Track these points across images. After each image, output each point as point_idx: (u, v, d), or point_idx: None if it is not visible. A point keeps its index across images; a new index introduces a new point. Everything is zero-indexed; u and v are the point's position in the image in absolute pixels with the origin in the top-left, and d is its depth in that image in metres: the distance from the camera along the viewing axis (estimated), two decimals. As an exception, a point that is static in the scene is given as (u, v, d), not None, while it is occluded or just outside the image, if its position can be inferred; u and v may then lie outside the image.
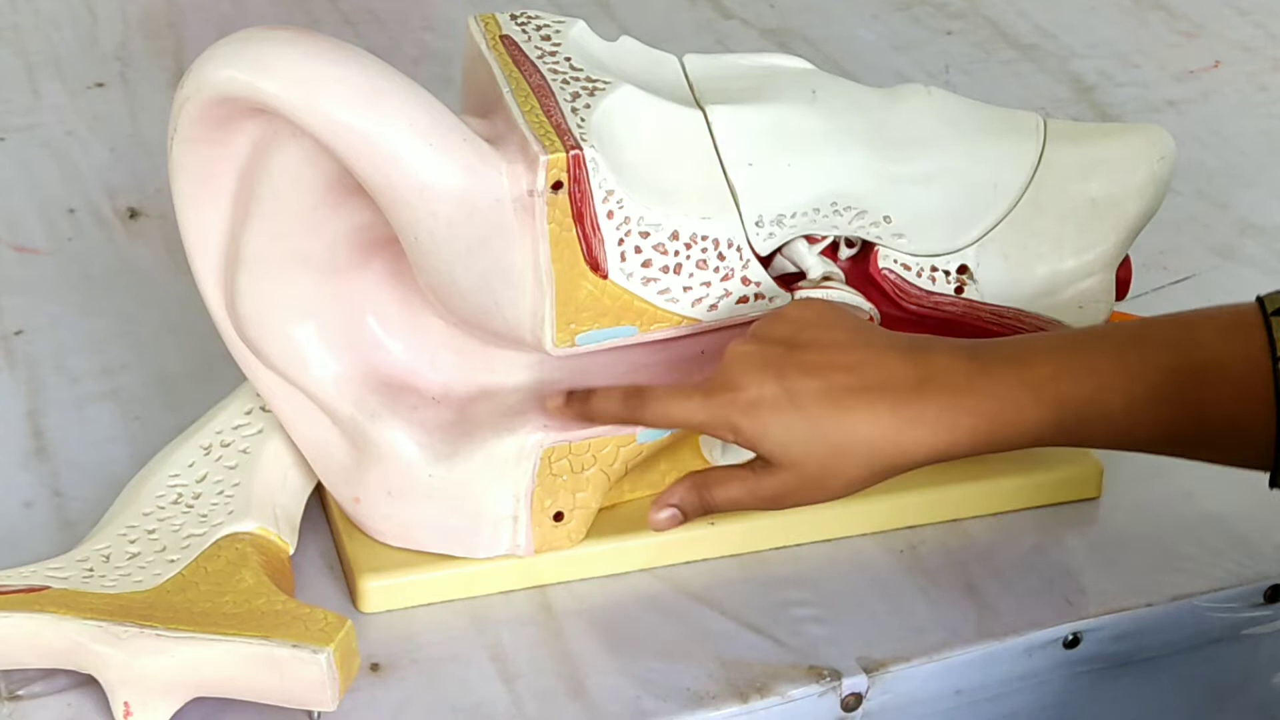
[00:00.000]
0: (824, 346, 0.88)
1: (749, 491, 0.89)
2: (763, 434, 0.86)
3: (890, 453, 0.86)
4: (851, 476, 0.87)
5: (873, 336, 0.89)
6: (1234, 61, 1.44)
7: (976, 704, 0.95)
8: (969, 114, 0.96)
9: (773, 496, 0.88)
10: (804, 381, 0.86)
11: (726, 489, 0.89)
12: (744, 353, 0.88)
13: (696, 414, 0.88)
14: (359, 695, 0.88)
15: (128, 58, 1.37)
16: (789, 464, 0.87)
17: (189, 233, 0.91)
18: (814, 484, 0.87)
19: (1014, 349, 0.88)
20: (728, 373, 0.88)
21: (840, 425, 0.86)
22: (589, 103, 0.89)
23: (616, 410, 0.90)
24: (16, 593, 0.87)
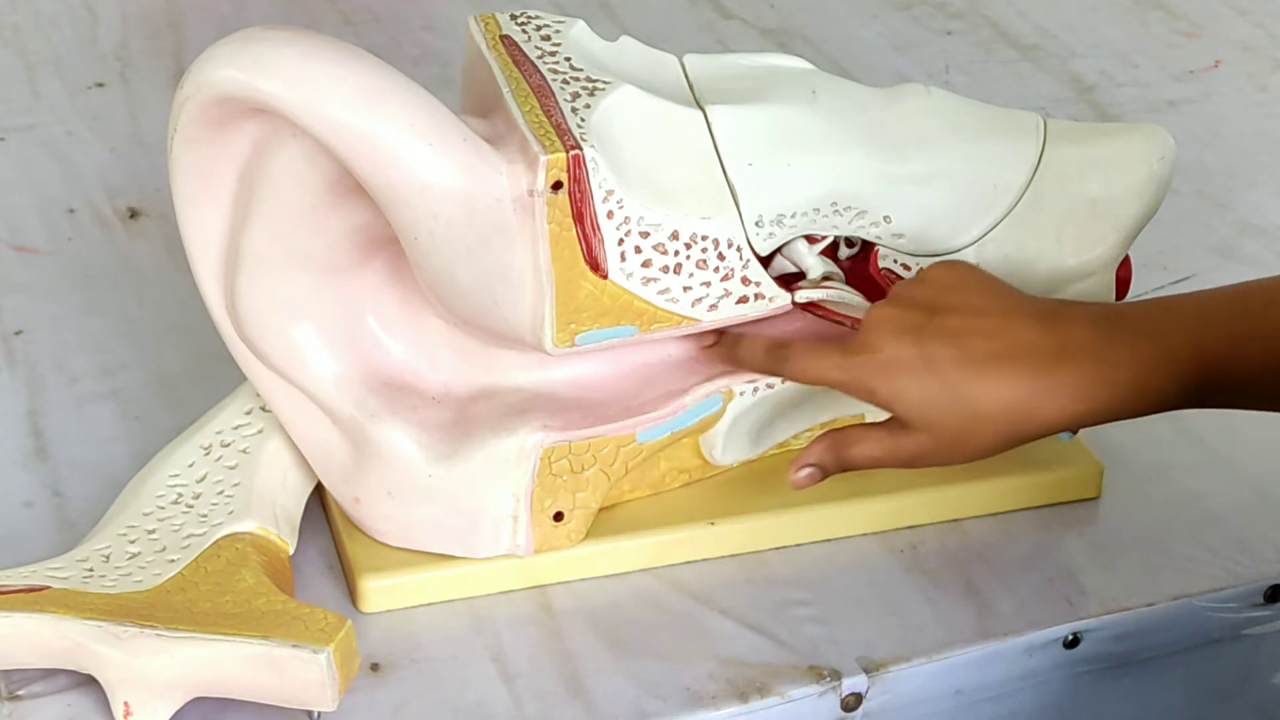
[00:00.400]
0: (963, 312, 0.88)
1: (887, 450, 0.89)
2: (897, 396, 0.87)
3: (1026, 420, 0.86)
4: (988, 441, 0.87)
5: (1009, 302, 0.89)
6: (1234, 61, 1.44)
7: (976, 704, 0.95)
8: (969, 114, 0.96)
9: (910, 457, 0.88)
10: (942, 347, 0.86)
11: (864, 446, 0.90)
12: (884, 315, 0.88)
13: (833, 372, 0.89)
14: (359, 695, 0.88)
15: (128, 58, 1.37)
16: (925, 427, 0.87)
17: (189, 233, 0.91)
18: (950, 446, 0.87)
19: (1149, 315, 0.88)
20: (867, 334, 0.88)
21: (977, 391, 0.86)
22: (589, 103, 0.89)
23: (760, 360, 0.92)
24: (16, 593, 0.87)
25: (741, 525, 0.97)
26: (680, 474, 0.98)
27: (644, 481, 0.97)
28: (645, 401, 0.94)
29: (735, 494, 0.98)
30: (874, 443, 0.89)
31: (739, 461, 0.98)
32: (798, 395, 0.97)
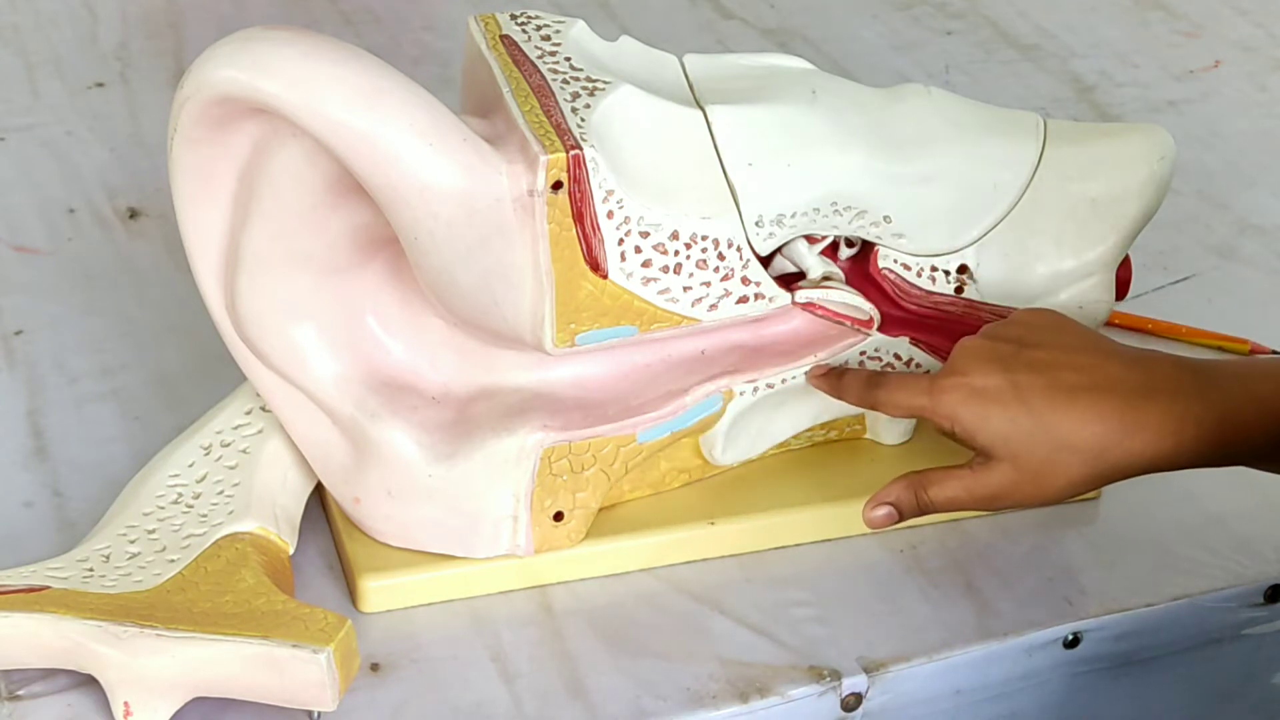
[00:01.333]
0: (1053, 347, 0.88)
1: (966, 489, 0.88)
2: (982, 424, 0.86)
3: (1115, 454, 0.86)
4: (1074, 476, 0.86)
5: (1101, 343, 0.89)
6: (1234, 61, 1.44)
7: (976, 704, 0.95)
8: (969, 114, 0.96)
9: (990, 495, 0.88)
10: (1030, 376, 0.86)
11: (944, 487, 0.89)
12: (973, 345, 0.88)
13: (920, 398, 0.88)
14: (359, 695, 0.88)
15: (128, 58, 1.37)
16: (1009, 457, 0.86)
17: (189, 232, 0.91)
18: (1033, 481, 0.86)
19: (1237, 365, 0.89)
20: (955, 362, 0.88)
21: (1065, 421, 0.85)
22: (589, 103, 0.89)
23: (859, 391, 0.93)
24: (16, 593, 0.87)
25: (741, 525, 0.97)
26: (680, 474, 0.98)
27: (644, 481, 0.97)
28: (645, 401, 0.94)
29: (735, 494, 0.98)
30: (955, 481, 0.88)
31: (739, 461, 0.98)
32: (798, 395, 0.97)
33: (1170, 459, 0.86)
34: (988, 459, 0.87)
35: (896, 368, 0.97)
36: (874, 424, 1.01)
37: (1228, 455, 0.87)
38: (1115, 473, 0.86)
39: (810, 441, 1.01)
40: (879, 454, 1.01)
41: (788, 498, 0.97)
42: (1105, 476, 0.87)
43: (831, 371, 0.95)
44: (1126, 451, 0.86)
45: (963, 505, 0.89)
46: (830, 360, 0.96)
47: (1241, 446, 0.87)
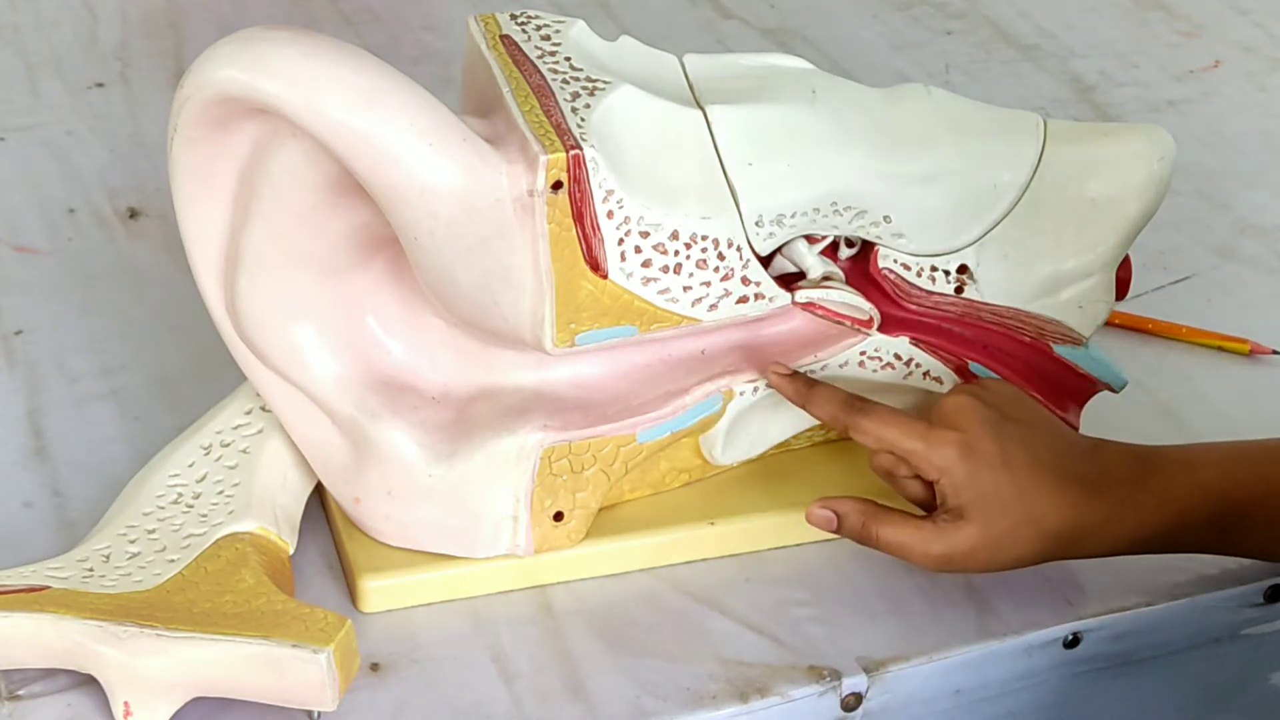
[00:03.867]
0: (1029, 424, 0.90)
1: (919, 541, 0.89)
2: (969, 481, 0.88)
3: (1067, 537, 0.88)
4: (1027, 550, 0.88)
5: (1060, 428, 0.92)
6: (1234, 61, 1.44)
7: (976, 704, 0.95)
8: (969, 114, 0.96)
9: (943, 554, 0.88)
10: (1017, 448, 0.88)
11: (896, 531, 0.89)
12: (968, 404, 0.89)
13: (912, 441, 0.89)
14: (359, 695, 0.88)
15: (128, 58, 1.37)
16: (980, 519, 0.88)
17: (189, 233, 0.91)
18: (991, 547, 0.88)
19: (1184, 452, 0.91)
20: (951, 416, 0.89)
21: (1038, 499, 0.88)
22: (589, 103, 0.89)
23: (834, 411, 0.92)
24: (16, 593, 0.87)
25: (741, 525, 0.97)
26: (680, 474, 0.98)
27: (644, 481, 0.97)
28: (645, 401, 0.94)
29: (735, 494, 0.98)
30: (911, 529, 0.89)
31: (739, 461, 0.98)
32: (798, 395, 0.97)
33: (1111, 547, 0.90)
34: (957, 518, 0.88)
35: (896, 368, 0.97)
36: (874, 424, 1.01)
37: (1172, 542, 0.90)
38: (1061, 554, 0.90)
39: (810, 441, 1.01)
40: (879, 454, 1.01)
41: (788, 498, 0.97)
42: (1050, 555, 0.89)
43: (799, 378, 0.94)
44: (1075, 535, 0.89)
45: (905, 555, 0.89)
46: (830, 360, 0.96)
47: (1185, 534, 0.90)
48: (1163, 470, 0.89)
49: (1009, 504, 0.87)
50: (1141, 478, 0.89)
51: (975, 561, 0.89)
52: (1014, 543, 0.88)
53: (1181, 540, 0.90)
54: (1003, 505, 0.87)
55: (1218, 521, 0.89)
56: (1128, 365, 1.00)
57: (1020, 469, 0.88)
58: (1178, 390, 1.10)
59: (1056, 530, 0.88)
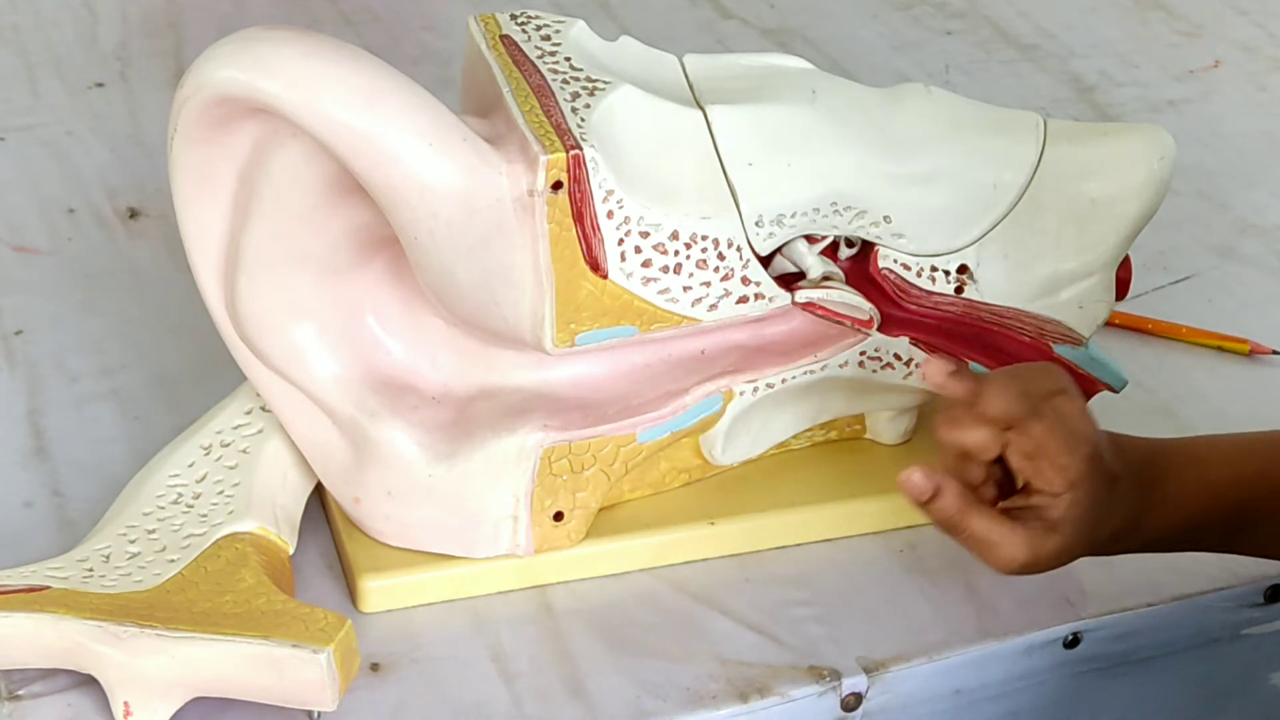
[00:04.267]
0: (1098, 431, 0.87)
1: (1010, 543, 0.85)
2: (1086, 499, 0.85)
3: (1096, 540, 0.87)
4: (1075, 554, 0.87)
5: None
6: (1234, 61, 1.44)
7: (976, 704, 0.95)
8: (969, 114, 0.96)
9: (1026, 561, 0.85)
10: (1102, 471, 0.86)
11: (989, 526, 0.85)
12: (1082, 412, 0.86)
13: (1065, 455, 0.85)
14: (359, 695, 0.88)
15: (128, 58, 1.37)
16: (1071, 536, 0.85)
17: (189, 233, 0.91)
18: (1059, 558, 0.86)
19: (1195, 449, 0.90)
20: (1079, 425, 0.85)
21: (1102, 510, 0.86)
22: (589, 103, 0.89)
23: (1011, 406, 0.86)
24: (16, 593, 0.87)
25: (741, 525, 0.97)
26: (680, 474, 0.98)
27: (644, 481, 0.97)
28: (645, 401, 0.94)
29: (735, 494, 0.98)
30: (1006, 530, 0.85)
31: (739, 461, 0.98)
32: (798, 395, 0.97)
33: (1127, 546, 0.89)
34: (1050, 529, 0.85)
35: (896, 368, 0.97)
36: (874, 424, 1.01)
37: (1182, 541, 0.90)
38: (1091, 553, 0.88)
39: (810, 441, 1.01)
40: (879, 454, 1.01)
41: (788, 498, 0.97)
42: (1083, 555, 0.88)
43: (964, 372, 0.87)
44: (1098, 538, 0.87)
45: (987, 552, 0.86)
46: (830, 360, 0.96)
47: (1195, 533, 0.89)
48: (1175, 470, 0.88)
49: (1093, 519, 0.86)
50: (1156, 479, 0.88)
51: (1039, 567, 0.86)
52: (1078, 553, 0.87)
53: (1192, 539, 0.90)
54: (1089, 521, 0.86)
55: (1227, 521, 0.89)
56: (1128, 365, 1.00)
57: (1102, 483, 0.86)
58: (1178, 390, 1.10)
59: (1105, 536, 0.87)
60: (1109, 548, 0.89)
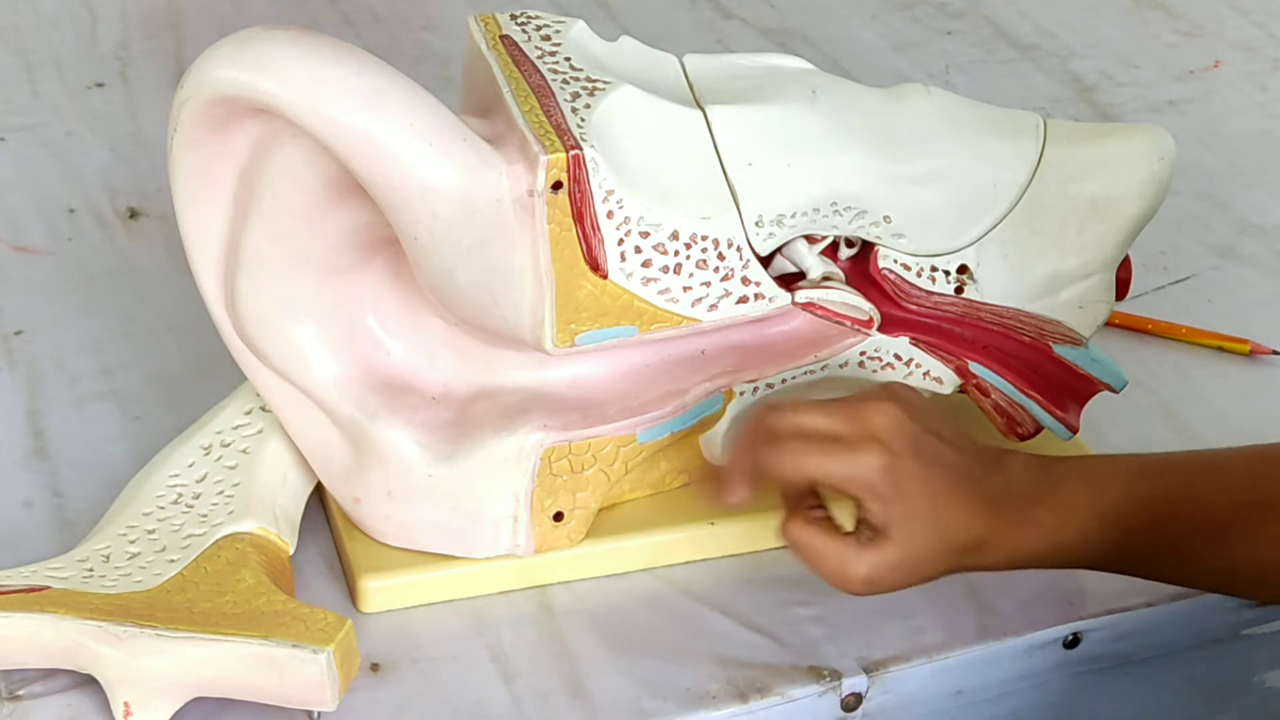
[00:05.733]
0: (944, 437, 0.87)
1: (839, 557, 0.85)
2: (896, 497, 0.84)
3: (974, 552, 0.86)
4: (939, 568, 0.87)
5: (968, 439, 0.89)
6: (1234, 61, 1.44)
7: (976, 704, 0.95)
8: (969, 114, 0.96)
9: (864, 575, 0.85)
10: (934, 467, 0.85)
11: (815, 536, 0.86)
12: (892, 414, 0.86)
13: (833, 461, 0.85)
14: (359, 695, 0.88)
15: (128, 58, 1.37)
16: (903, 539, 0.85)
17: (189, 233, 0.91)
18: (909, 566, 0.85)
19: (1087, 467, 0.89)
20: (875, 429, 0.85)
21: (952, 516, 0.86)
22: (589, 103, 0.89)
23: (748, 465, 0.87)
24: (16, 593, 0.87)
25: (741, 525, 0.97)
26: (680, 474, 0.98)
27: (644, 481, 0.97)
28: (645, 401, 0.94)
29: (735, 494, 0.98)
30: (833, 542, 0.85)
31: (735, 462, 0.98)
32: (798, 395, 0.97)
33: (1010, 561, 0.87)
34: (880, 536, 0.85)
35: (896, 368, 0.97)
36: (874, 424, 1.01)
37: (1068, 559, 0.88)
38: (969, 567, 0.88)
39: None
40: (879, 454, 1.01)
41: (788, 498, 0.97)
42: (959, 569, 0.87)
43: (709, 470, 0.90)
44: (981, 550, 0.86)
45: (821, 567, 0.86)
46: (830, 360, 0.96)
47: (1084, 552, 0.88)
48: (1064, 487, 0.87)
49: (928, 523, 0.85)
50: (1044, 494, 0.87)
51: (893, 581, 0.86)
52: (931, 561, 0.86)
53: (1082, 558, 0.88)
54: (923, 524, 0.85)
55: (1117, 542, 0.87)
56: (1128, 365, 1.00)
57: (939, 485, 0.85)
58: (1178, 390, 1.10)
59: (963, 545, 0.86)
60: (985, 559, 0.87)
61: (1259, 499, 0.86)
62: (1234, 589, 0.90)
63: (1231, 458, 0.89)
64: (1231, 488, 0.87)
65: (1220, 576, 0.88)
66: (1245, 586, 0.89)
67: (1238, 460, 0.89)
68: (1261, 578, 0.86)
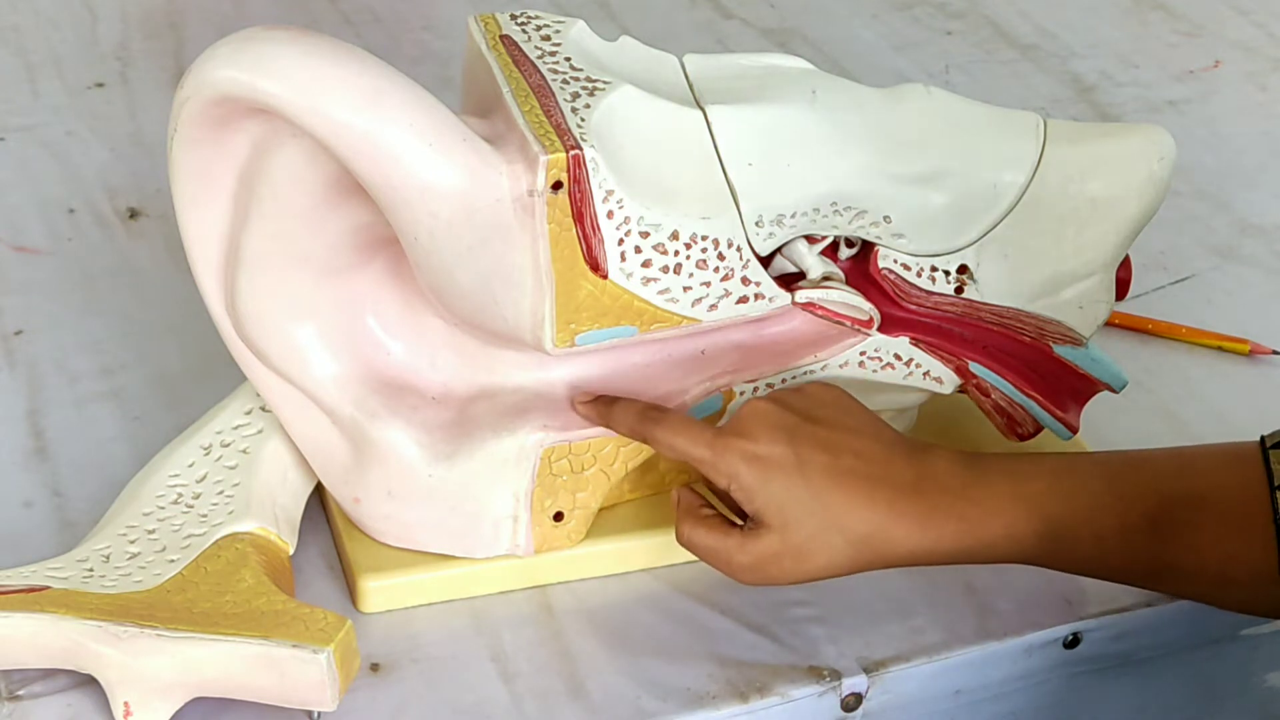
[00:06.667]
0: (837, 427, 0.88)
1: (724, 548, 0.88)
2: (761, 488, 0.86)
3: (878, 542, 0.87)
4: (835, 557, 0.87)
5: (881, 430, 0.90)
6: (1234, 61, 1.44)
7: (976, 704, 0.95)
8: (969, 114, 0.96)
9: (752, 562, 0.87)
10: (815, 452, 0.87)
11: (706, 535, 0.88)
12: (763, 410, 0.88)
13: (702, 450, 0.88)
14: (359, 695, 0.88)
15: (128, 58, 1.37)
16: (779, 526, 0.86)
17: (189, 233, 0.91)
18: (795, 555, 0.87)
19: (1012, 462, 0.89)
20: (744, 423, 0.88)
21: (839, 503, 0.86)
22: (589, 103, 0.89)
23: (632, 423, 0.91)
24: (16, 593, 0.87)
25: (741, 525, 0.97)
26: (680, 474, 0.98)
27: (644, 482, 0.97)
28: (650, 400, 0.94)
29: (735, 494, 0.98)
30: (719, 536, 0.88)
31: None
32: (798, 395, 0.97)
33: (929, 553, 0.87)
34: (758, 525, 0.87)
35: (896, 368, 0.97)
36: (874, 424, 1.01)
37: (993, 553, 0.88)
38: (875, 560, 0.88)
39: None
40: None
41: (788, 498, 0.97)
42: (865, 563, 0.88)
43: (600, 399, 0.92)
44: (887, 541, 0.87)
45: (714, 563, 0.89)
46: (830, 360, 0.96)
47: (1006, 544, 0.87)
48: (987, 479, 0.88)
49: (806, 510, 0.86)
50: (964, 486, 0.87)
51: (782, 571, 0.87)
52: (820, 550, 0.86)
53: (1008, 552, 0.88)
54: (800, 511, 0.86)
55: (1043, 536, 0.87)
56: (1128, 365, 1.00)
57: (816, 474, 0.86)
58: (1178, 390, 1.10)
59: (863, 535, 0.86)
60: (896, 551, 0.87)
61: (1186, 493, 0.86)
62: (1167, 585, 0.89)
63: (1155, 454, 0.89)
64: (1158, 482, 0.87)
65: (1152, 571, 0.88)
66: (1180, 584, 0.88)
67: (1161, 457, 0.89)
68: (1199, 573, 0.86)
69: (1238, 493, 0.85)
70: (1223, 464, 0.87)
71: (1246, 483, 0.85)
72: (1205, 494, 0.86)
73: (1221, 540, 0.85)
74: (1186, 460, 0.88)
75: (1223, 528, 0.85)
